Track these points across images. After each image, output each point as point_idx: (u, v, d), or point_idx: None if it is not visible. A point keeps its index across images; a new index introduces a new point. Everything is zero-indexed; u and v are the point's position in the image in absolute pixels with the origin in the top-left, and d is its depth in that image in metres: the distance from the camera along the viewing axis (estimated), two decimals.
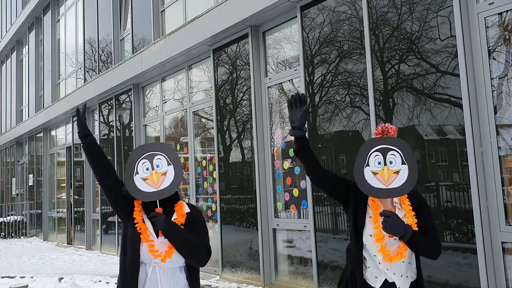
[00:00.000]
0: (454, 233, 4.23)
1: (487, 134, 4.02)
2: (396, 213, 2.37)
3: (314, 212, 5.63)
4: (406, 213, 2.39)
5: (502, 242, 3.91)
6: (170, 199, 2.52)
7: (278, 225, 6.34)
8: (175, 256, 2.44)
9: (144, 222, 2.48)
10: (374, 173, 2.35)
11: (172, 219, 2.48)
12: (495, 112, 4.01)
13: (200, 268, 2.58)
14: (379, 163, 2.35)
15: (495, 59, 4.05)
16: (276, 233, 6.40)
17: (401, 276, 2.40)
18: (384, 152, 2.35)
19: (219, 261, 7.09)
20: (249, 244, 6.75)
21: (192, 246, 2.44)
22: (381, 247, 2.35)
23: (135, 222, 2.47)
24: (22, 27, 17.29)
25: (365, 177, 2.36)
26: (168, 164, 2.48)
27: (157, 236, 2.44)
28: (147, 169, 2.45)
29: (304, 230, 5.93)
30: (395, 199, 2.44)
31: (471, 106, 4.06)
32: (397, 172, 2.32)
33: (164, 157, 2.49)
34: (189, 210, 2.56)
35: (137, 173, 2.45)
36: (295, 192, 6.10)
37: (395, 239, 2.35)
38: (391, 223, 2.27)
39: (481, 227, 3.94)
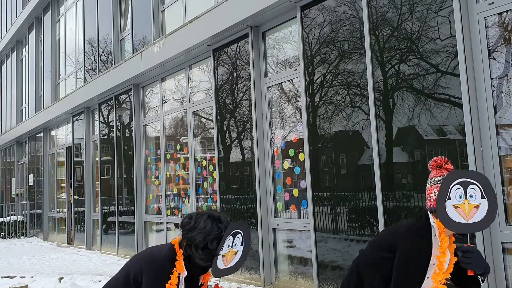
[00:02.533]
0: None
1: (487, 134, 4.02)
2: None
3: (314, 212, 5.63)
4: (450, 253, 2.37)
5: (502, 242, 3.91)
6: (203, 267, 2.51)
7: (278, 225, 6.34)
8: None
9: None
10: (455, 207, 2.31)
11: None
12: (495, 112, 4.01)
13: None
14: (460, 196, 2.31)
15: (495, 59, 4.05)
16: (276, 233, 6.40)
17: None
18: (465, 186, 2.32)
19: None
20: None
21: None
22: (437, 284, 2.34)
23: None
24: (22, 27, 17.29)
25: (447, 211, 2.31)
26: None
27: None
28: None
29: (304, 230, 5.93)
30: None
31: (471, 106, 4.07)
32: (477, 207, 2.29)
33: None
34: (216, 280, 2.60)
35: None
36: (295, 192, 6.10)
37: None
38: (476, 259, 2.27)
39: None
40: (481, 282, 2.40)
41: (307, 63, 5.85)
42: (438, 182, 2.43)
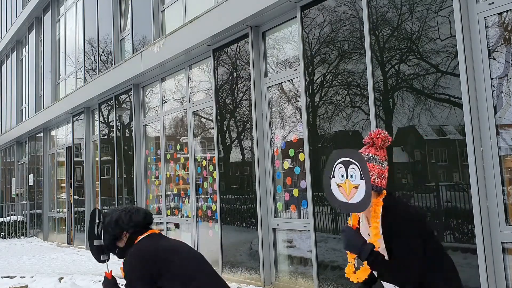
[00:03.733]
0: (454, 233, 4.23)
1: (487, 134, 4.02)
2: (365, 230, 2.31)
3: (314, 212, 5.63)
4: (372, 226, 2.28)
5: (502, 242, 3.91)
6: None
7: (278, 225, 6.34)
8: None
9: None
10: (338, 186, 2.28)
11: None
12: (495, 112, 4.01)
13: None
14: (342, 175, 2.27)
15: (495, 59, 4.05)
16: (276, 233, 6.40)
17: None
18: (346, 165, 2.26)
19: (219, 261, 7.09)
20: (249, 244, 6.75)
21: None
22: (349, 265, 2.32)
23: None
24: (22, 27, 17.29)
25: (332, 189, 2.30)
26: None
27: None
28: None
29: (304, 230, 5.93)
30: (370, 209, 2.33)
31: (471, 106, 4.06)
32: (356, 187, 2.21)
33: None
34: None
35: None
36: (295, 192, 6.10)
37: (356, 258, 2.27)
38: (344, 238, 2.22)
39: (481, 227, 3.94)
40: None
41: (307, 63, 5.85)
42: (378, 161, 2.40)
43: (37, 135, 15.96)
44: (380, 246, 2.25)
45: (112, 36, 10.95)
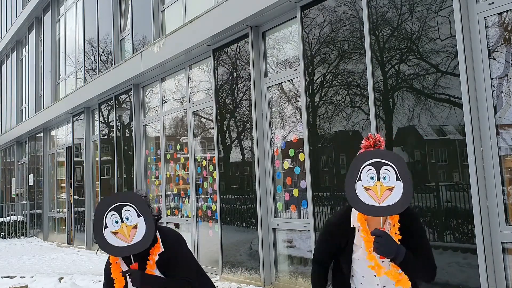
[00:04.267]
0: (454, 233, 4.23)
1: (487, 134, 4.02)
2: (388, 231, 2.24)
3: (314, 212, 5.63)
4: (391, 233, 2.24)
5: (502, 242, 3.91)
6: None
7: (278, 225, 6.34)
8: None
9: (123, 276, 2.47)
10: (366, 189, 2.17)
11: (146, 267, 2.46)
12: (495, 112, 4.01)
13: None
14: (372, 178, 2.17)
15: (495, 59, 4.05)
16: (276, 233, 6.40)
17: None
18: (377, 167, 2.17)
19: (219, 261, 7.10)
20: (249, 244, 6.75)
21: None
22: (375, 264, 2.22)
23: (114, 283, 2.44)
24: (22, 27, 17.29)
25: (357, 193, 2.17)
26: (138, 216, 2.34)
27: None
28: (117, 222, 2.32)
29: (304, 230, 5.93)
30: (388, 218, 2.28)
31: (471, 106, 4.06)
32: (390, 189, 2.14)
33: (133, 208, 2.34)
34: (163, 249, 2.51)
35: (106, 227, 2.32)
36: (295, 192, 6.10)
37: (383, 261, 2.22)
38: (382, 244, 2.13)
39: (481, 227, 3.94)
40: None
41: (307, 63, 5.85)
42: None
43: (37, 135, 15.96)
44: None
45: (112, 36, 10.95)
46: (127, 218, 2.32)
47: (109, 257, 2.51)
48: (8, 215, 17.25)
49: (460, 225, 4.19)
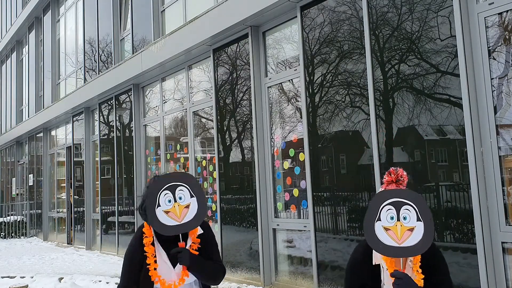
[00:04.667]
0: (454, 233, 4.23)
1: (487, 134, 4.02)
2: (408, 272, 2.19)
3: (314, 212, 5.63)
4: (412, 270, 2.20)
5: (502, 242, 3.91)
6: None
7: (278, 225, 6.34)
8: (189, 278, 2.45)
9: (156, 256, 2.47)
10: (386, 229, 2.13)
11: (188, 245, 2.47)
12: (495, 112, 4.01)
13: None
14: (392, 218, 2.14)
15: (495, 59, 4.05)
16: (276, 233, 6.40)
17: None
18: (397, 206, 2.13)
19: None
20: (249, 244, 6.75)
21: (213, 274, 2.48)
22: None
23: (147, 263, 2.44)
24: (22, 27, 17.29)
25: (376, 233, 2.14)
26: (191, 196, 2.39)
27: (174, 267, 2.45)
28: (169, 201, 2.37)
29: (304, 230, 5.93)
30: (410, 258, 2.23)
31: (471, 106, 4.06)
32: (411, 230, 2.11)
33: (187, 188, 2.39)
34: (202, 231, 2.54)
35: (159, 205, 2.36)
36: (295, 192, 6.10)
37: None
38: (402, 286, 2.08)
39: (481, 227, 3.94)
40: None
41: (307, 63, 5.85)
42: None
43: (37, 135, 15.96)
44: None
45: (112, 36, 10.95)
46: (180, 198, 2.36)
47: (136, 240, 2.52)
48: (8, 215, 17.25)
49: (460, 225, 4.19)
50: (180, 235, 2.41)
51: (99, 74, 11.36)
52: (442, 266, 2.28)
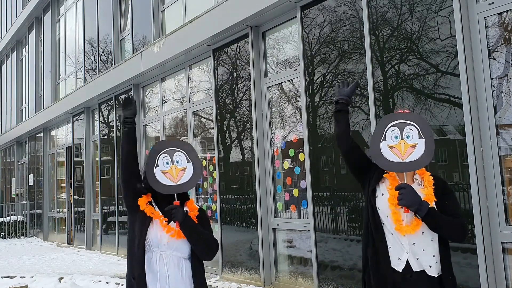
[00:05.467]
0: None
1: (487, 134, 4.02)
2: (414, 187, 2.33)
3: (314, 212, 5.63)
4: (425, 188, 2.35)
5: (502, 242, 3.91)
6: (183, 196, 2.65)
7: (278, 225, 6.34)
8: (181, 244, 2.53)
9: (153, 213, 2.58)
10: (391, 147, 2.33)
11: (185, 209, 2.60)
12: (495, 112, 4.02)
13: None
14: (396, 137, 2.33)
15: (495, 59, 4.05)
16: (276, 233, 6.40)
17: (425, 255, 2.31)
18: (401, 127, 2.34)
19: (219, 261, 7.09)
20: (249, 244, 6.75)
21: (205, 239, 2.57)
22: (392, 211, 2.31)
23: (145, 211, 2.56)
24: (22, 27, 17.29)
25: (382, 151, 2.34)
26: (188, 161, 2.59)
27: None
28: (167, 163, 2.56)
29: (304, 230, 5.93)
30: (417, 176, 2.42)
31: (471, 106, 4.07)
32: (413, 146, 2.31)
33: (184, 154, 2.60)
34: (198, 207, 2.70)
35: (157, 166, 2.56)
36: (295, 192, 6.10)
37: (411, 214, 2.30)
38: (405, 194, 2.22)
39: (481, 227, 3.94)
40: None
41: (307, 63, 5.85)
42: None
43: (37, 135, 15.96)
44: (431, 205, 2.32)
45: (112, 36, 10.95)
46: (177, 162, 2.57)
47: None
48: (8, 215, 17.25)
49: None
50: (175, 196, 2.57)
51: (99, 74, 11.36)
52: (451, 198, 2.43)
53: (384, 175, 2.45)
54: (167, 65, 8.57)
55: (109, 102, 11.04)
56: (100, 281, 7.11)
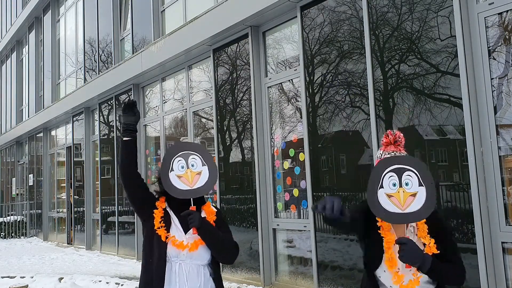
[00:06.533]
0: (454, 233, 4.23)
1: (487, 134, 4.02)
2: (410, 236, 2.17)
3: (314, 212, 5.63)
4: (421, 238, 2.18)
5: (502, 242, 3.91)
6: (199, 200, 2.57)
7: (278, 225, 6.34)
8: (201, 252, 2.47)
9: (165, 221, 2.51)
10: (389, 196, 2.12)
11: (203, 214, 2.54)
12: (495, 112, 4.01)
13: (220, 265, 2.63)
14: (394, 184, 2.12)
15: (495, 59, 4.05)
16: (276, 233, 6.40)
17: None
18: (399, 173, 2.13)
19: None
20: (249, 244, 6.75)
21: (224, 243, 2.53)
22: (394, 274, 2.14)
23: (160, 221, 2.50)
24: (22, 27, 17.29)
25: (379, 200, 2.12)
26: (203, 165, 2.53)
27: (185, 233, 2.48)
28: (182, 167, 2.50)
29: (304, 230, 5.93)
30: (412, 224, 2.21)
31: (471, 106, 4.07)
32: (413, 195, 2.10)
33: (199, 157, 2.53)
34: (216, 210, 2.64)
35: (172, 170, 2.49)
36: (295, 192, 6.10)
37: (411, 270, 2.12)
38: (408, 251, 2.04)
39: (481, 227, 3.94)
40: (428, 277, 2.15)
41: (307, 63, 5.85)
42: (391, 153, 2.29)
43: (37, 135, 15.96)
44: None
45: (112, 36, 10.95)
46: (192, 165, 2.50)
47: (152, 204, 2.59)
48: (8, 215, 17.25)
49: (460, 225, 4.19)
50: (192, 201, 2.50)
51: (99, 74, 11.36)
52: (446, 232, 2.26)
53: (377, 223, 2.25)
54: (167, 65, 8.57)
55: (109, 102, 11.04)
56: (100, 281, 7.11)
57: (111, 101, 10.84)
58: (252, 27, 6.67)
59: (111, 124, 11.04)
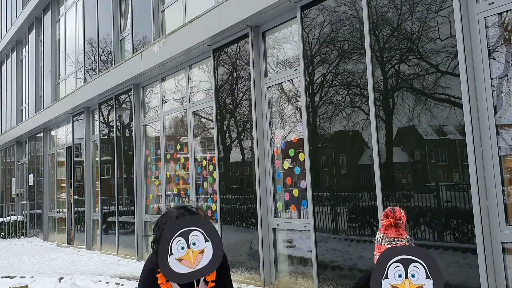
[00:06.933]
0: (454, 233, 4.23)
1: (487, 134, 4.02)
2: None
3: (314, 212, 5.63)
4: None
5: (502, 242, 3.91)
6: None
7: (278, 225, 6.34)
8: None
9: None
10: (394, 287, 2.07)
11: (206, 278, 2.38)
12: (495, 112, 4.01)
13: None
14: (400, 275, 2.07)
15: (495, 59, 4.05)
16: (276, 233, 6.40)
17: None
18: (405, 264, 2.07)
19: None
20: (249, 244, 6.75)
21: None
22: None
23: None
24: (22, 27, 17.30)
25: None
26: (206, 241, 2.23)
27: None
28: (182, 248, 2.20)
29: (304, 230, 5.93)
30: None
31: (471, 106, 4.07)
32: (420, 287, 2.05)
33: (201, 232, 2.23)
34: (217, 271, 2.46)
35: (171, 254, 2.18)
36: (295, 192, 6.10)
37: None
38: None
39: (481, 227, 3.94)
40: None
41: (307, 63, 5.85)
42: (392, 242, 2.24)
43: (37, 135, 15.96)
44: None
45: (112, 36, 10.95)
46: (194, 244, 2.22)
47: (147, 276, 2.42)
48: (8, 215, 17.25)
49: (460, 225, 4.19)
50: (195, 282, 2.31)
51: (99, 74, 11.36)
52: None
53: None
54: (167, 65, 8.57)
55: (109, 102, 11.04)
56: (100, 281, 7.11)
57: (111, 101, 10.84)
58: (252, 27, 6.67)
59: (111, 124, 11.04)
